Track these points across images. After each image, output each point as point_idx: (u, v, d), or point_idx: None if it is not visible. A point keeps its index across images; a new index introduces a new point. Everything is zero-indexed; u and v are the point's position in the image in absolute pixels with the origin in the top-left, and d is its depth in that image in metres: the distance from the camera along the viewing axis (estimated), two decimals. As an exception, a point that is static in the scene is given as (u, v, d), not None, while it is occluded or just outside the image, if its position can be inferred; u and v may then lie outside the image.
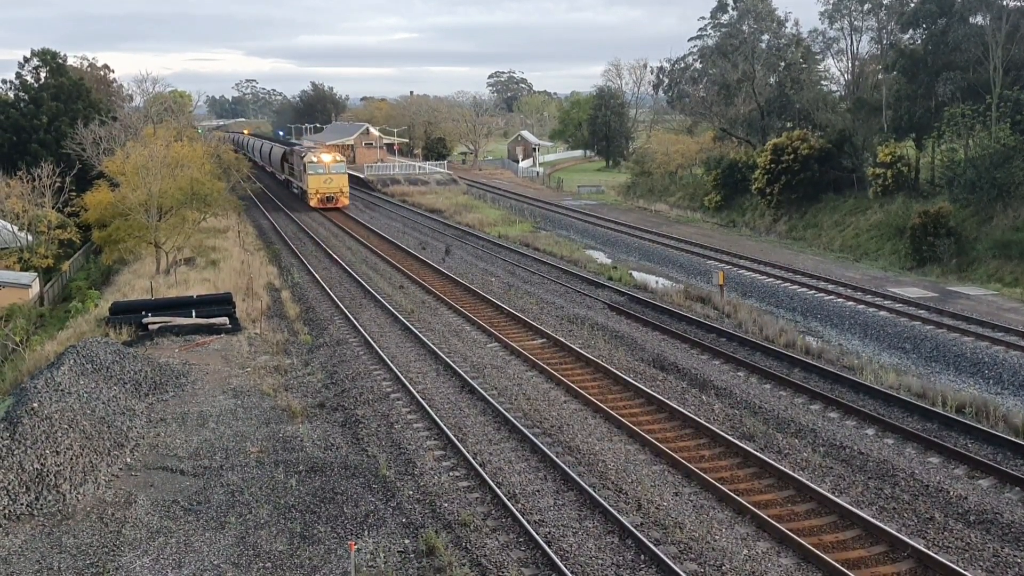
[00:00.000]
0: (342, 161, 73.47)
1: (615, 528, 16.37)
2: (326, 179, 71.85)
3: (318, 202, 71.45)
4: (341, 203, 72.12)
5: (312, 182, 71.96)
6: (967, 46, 51.73)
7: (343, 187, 72.51)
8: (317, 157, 73.40)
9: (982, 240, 44.91)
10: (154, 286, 38.81)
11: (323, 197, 71.44)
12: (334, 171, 72.14)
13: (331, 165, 72.27)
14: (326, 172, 72.04)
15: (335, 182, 72.02)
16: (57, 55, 75.75)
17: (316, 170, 72.21)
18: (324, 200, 71.42)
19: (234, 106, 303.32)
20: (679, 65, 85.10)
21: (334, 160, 72.87)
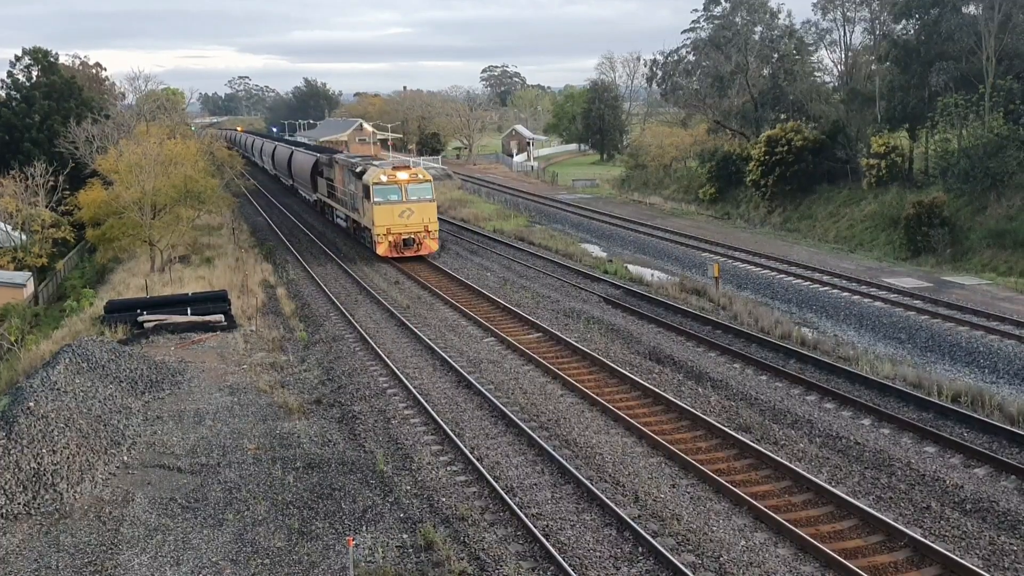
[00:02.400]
0: (428, 180, 45.13)
1: (613, 520, 16.40)
2: (404, 211, 43.94)
3: (390, 248, 44.19)
4: (427, 248, 44.47)
5: (382, 216, 44.02)
6: (960, 36, 51.75)
7: (429, 221, 44.55)
8: (388, 175, 44.46)
9: (976, 230, 45.00)
10: (149, 284, 38.75)
11: (398, 240, 44.05)
12: (416, 197, 44.05)
13: (411, 187, 44.11)
14: (402, 200, 43.92)
15: (418, 215, 44.09)
16: (49, 53, 75.44)
17: (387, 195, 43.93)
18: (400, 245, 44.14)
19: (227, 103, 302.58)
20: (672, 58, 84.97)
21: (415, 178, 44.70)
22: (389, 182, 43.79)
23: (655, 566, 14.82)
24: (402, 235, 43.96)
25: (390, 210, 43.75)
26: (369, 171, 45.51)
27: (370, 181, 43.95)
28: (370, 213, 44.63)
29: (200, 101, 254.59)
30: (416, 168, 46.61)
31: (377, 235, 44.08)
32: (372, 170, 45.44)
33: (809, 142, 60.60)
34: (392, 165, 46.85)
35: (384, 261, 44.92)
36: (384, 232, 43.93)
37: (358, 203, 47.77)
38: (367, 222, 46.10)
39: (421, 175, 44.94)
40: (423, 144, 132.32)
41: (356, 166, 48.60)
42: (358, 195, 47.19)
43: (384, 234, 43.93)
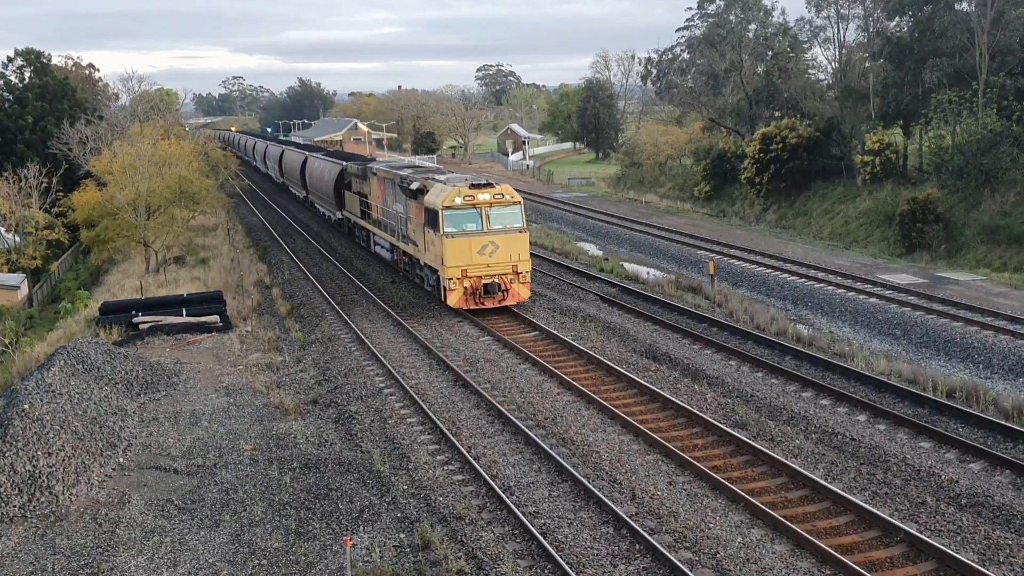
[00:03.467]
0: (517, 202, 32.64)
1: (610, 518, 16.41)
2: (485, 245, 31.75)
3: (465, 298, 31.82)
4: (515, 297, 32.45)
5: (456, 253, 31.62)
6: (953, 33, 51.86)
7: (519, 259, 32.24)
8: (464, 195, 31.89)
9: (970, 226, 45.11)
10: (144, 285, 38.69)
11: (477, 286, 31.81)
12: (501, 225, 32.07)
13: (495, 211, 32.05)
14: (483, 230, 31.75)
15: (505, 250, 31.97)
16: (41, 55, 75.34)
17: (462, 223, 31.77)
18: (479, 293, 31.83)
19: (221, 103, 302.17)
20: (667, 56, 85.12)
21: (500, 199, 32.24)
22: (465, 205, 31.17)
23: (652, 563, 14.83)
24: (483, 279, 31.12)
25: (467, 245, 30.85)
26: (435, 189, 32.44)
27: (439, 204, 31.09)
28: (437, 248, 31.53)
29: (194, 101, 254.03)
30: (500, 185, 32.38)
31: (448, 279, 31.03)
32: (439, 188, 32.33)
33: (803, 139, 60.71)
34: (466, 180, 33.00)
35: (376, 257, 44.19)
36: (458, 276, 31.03)
37: (413, 230, 35.12)
38: (430, 259, 33.02)
39: (508, 194, 31.84)
40: (418, 143, 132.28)
41: (409, 180, 35.20)
42: (414, 220, 34.70)
43: (458, 278, 31.04)
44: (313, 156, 62.44)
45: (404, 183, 35.95)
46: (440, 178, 34.36)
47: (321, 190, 56.06)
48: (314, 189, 59.79)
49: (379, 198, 41.07)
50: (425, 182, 34.17)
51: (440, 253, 31.66)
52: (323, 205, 58.07)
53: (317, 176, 57.25)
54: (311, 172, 60.07)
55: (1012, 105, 48.16)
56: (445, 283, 31.73)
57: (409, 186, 35.02)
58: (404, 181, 36.09)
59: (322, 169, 55.80)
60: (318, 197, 58.91)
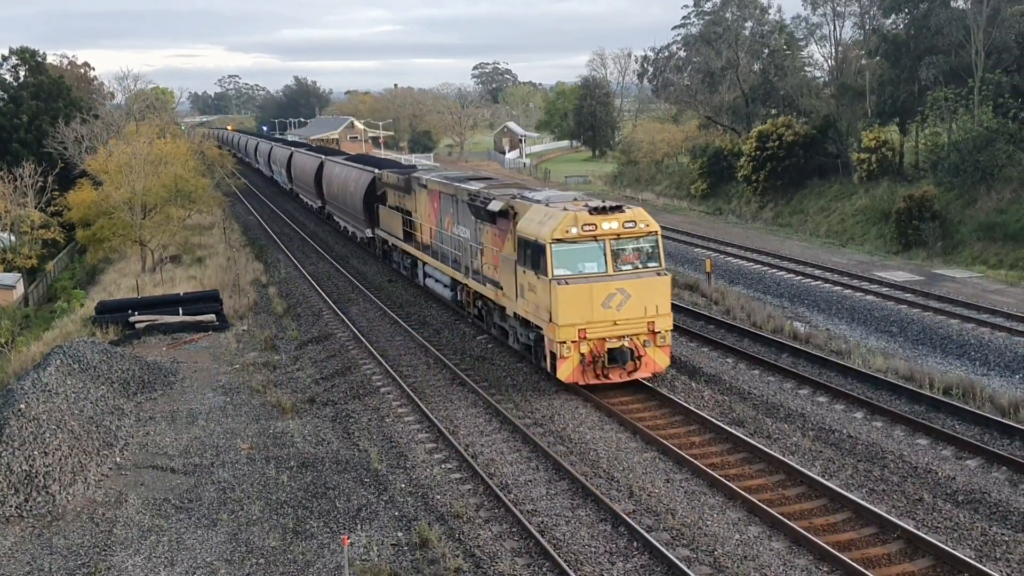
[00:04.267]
0: (652, 231, 23.10)
1: (607, 516, 16.41)
2: (612, 294, 22.28)
3: (581, 369, 22.53)
4: (649, 366, 23.02)
5: (570, 306, 22.11)
6: (949, 30, 51.94)
7: (657, 312, 22.72)
8: (582, 222, 22.39)
9: (966, 223, 45.20)
10: (140, 284, 38.63)
11: (600, 352, 22.48)
12: (633, 264, 22.87)
13: (624, 244, 22.76)
14: (608, 271, 22.47)
15: (638, 299, 22.49)
16: (36, 53, 75.18)
17: (579, 262, 22.43)
18: (602, 362, 22.49)
19: (217, 102, 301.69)
20: (663, 54, 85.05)
21: (631, 228, 22.75)
22: (583, 237, 22.19)
23: (650, 560, 14.83)
24: (607, 341, 22.31)
25: (586, 295, 21.93)
26: (533, 213, 23.49)
27: (545, 235, 22.18)
28: (541, 297, 22.74)
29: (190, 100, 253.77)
30: (631, 209, 23.13)
31: (560, 342, 22.06)
32: (539, 211, 23.37)
33: (800, 137, 60.76)
34: (575, 199, 24.55)
35: (374, 256, 44.12)
36: (574, 338, 22.06)
37: (492, 266, 26.46)
38: (526, 310, 23.87)
39: (641, 221, 22.69)
40: (415, 142, 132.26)
41: (485, 198, 26.58)
42: (493, 252, 26.31)
43: (573, 342, 22.07)
44: (332, 161, 53.27)
45: (476, 201, 27.15)
46: (535, 196, 25.17)
47: (345, 203, 46.83)
48: (334, 200, 50.65)
49: (431, 217, 32.61)
50: (513, 202, 25.00)
51: (546, 305, 22.30)
52: (347, 220, 48.58)
53: (339, 186, 47.87)
54: (330, 180, 51.13)
55: (1008, 102, 48.24)
56: (554, 348, 22.25)
57: (486, 206, 25.94)
58: (476, 198, 27.25)
59: (345, 177, 46.69)
60: (341, 211, 49.61)
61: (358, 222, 45.17)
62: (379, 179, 40.49)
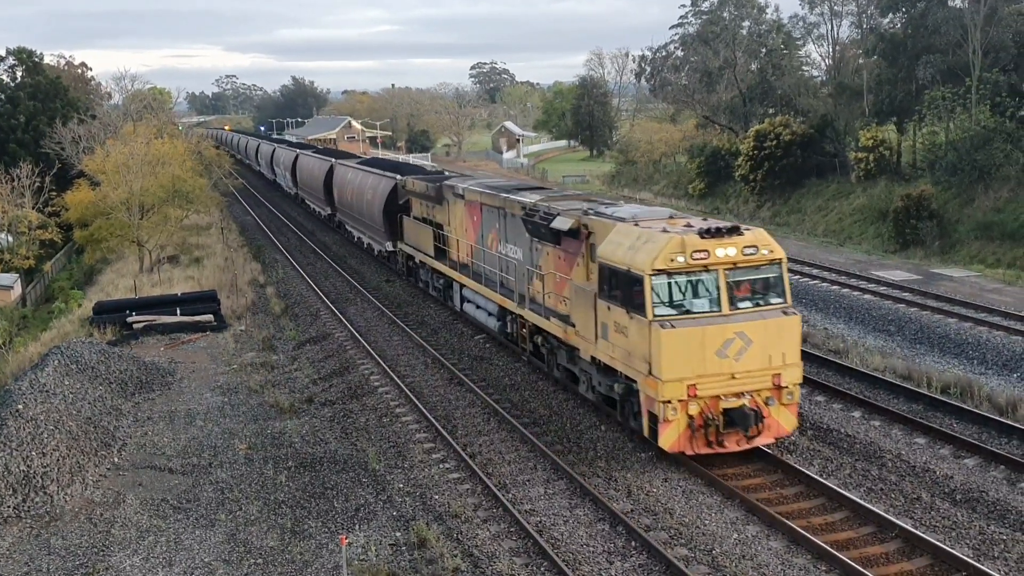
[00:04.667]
0: (778, 258, 18.22)
1: (606, 515, 16.41)
2: (730, 339, 17.47)
3: (688, 436, 17.67)
4: (775, 430, 18.25)
5: (676, 354, 17.29)
6: (946, 29, 51.97)
7: (784, 361, 17.91)
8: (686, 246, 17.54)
9: (964, 222, 45.22)
10: (138, 285, 38.62)
11: (713, 412, 17.61)
12: (755, 301, 18.09)
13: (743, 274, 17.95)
14: (723, 310, 17.66)
15: (761, 347, 17.67)
16: (33, 54, 75.11)
17: (686, 300, 17.73)
18: (717, 426, 17.64)
19: (214, 102, 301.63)
20: (661, 53, 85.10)
21: (749, 254, 17.89)
22: (693, 267, 17.77)
23: (648, 560, 14.84)
24: (722, 400, 17.81)
25: (697, 340, 17.52)
26: (619, 234, 19.14)
27: (642, 263, 17.77)
28: (635, 342, 18.24)
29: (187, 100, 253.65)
30: (751, 231, 18.56)
31: (663, 402, 17.59)
32: (627, 231, 19.00)
33: (797, 136, 60.77)
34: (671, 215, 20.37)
35: (371, 256, 44.34)
36: (681, 395, 17.57)
37: (558, 296, 22.26)
38: (613, 357, 19.24)
39: (764, 246, 18.21)
40: (412, 141, 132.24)
41: (546, 212, 22.12)
42: (558, 279, 22.18)
43: (681, 400, 17.59)
44: (344, 165, 48.81)
45: (535, 217, 22.57)
46: (616, 212, 20.70)
47: (361, 212, 42.53)
48: (346, 208, 46.74)
49: (470, 233, 28.98)
50: (587, 219, 20.60)
51: (643, 352, 17.72)
52: (363, 232, 44.13)
53: (354, 193, 43.85)
54: (342, 186, 46.98)
55: (1005, 101, 48.28)
56: (654, 408, 17.60)
57: (548, 223, 21.50)
58: (533, 214, 22.75)
59: (361, 184, 42.59)
60: (355, 220, 45.27)
61: (376, 234, 40.72)
62: (402, 186, 36.13)
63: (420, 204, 34.20)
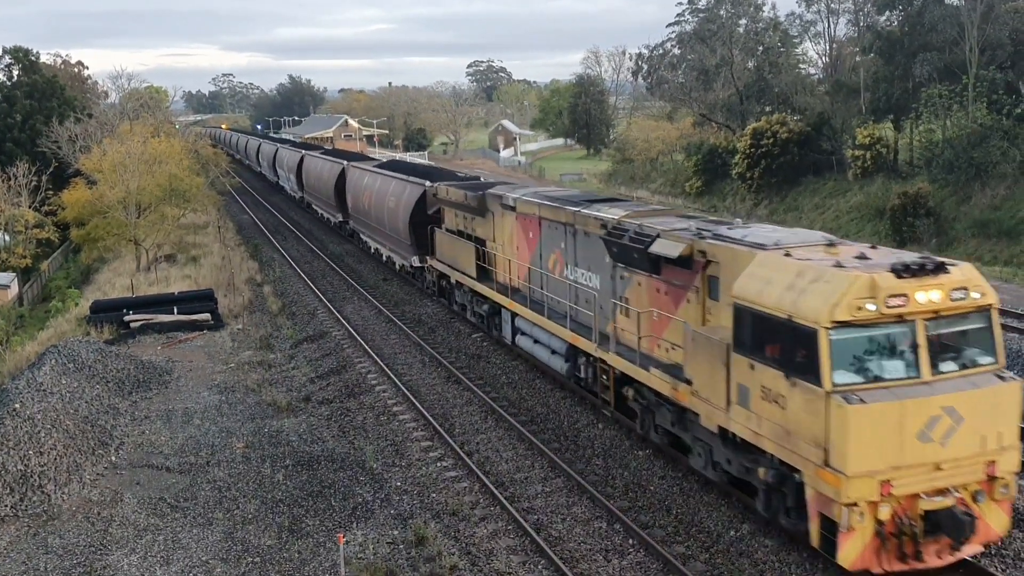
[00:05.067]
0: (987, 304, 13.50)
1: (603, 513, 16.43)
2: (936, 417, 12.58)
3: (877, 547, 12.71)
4: (985, 535, 13.28)
5: (864, 438, 12.33)
6: (943, 27, 52.05)
7: (1002, 442, 13.05)
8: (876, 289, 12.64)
9: (961, 220, 45.29)
10: (135, 284, 38.57)
11: (912, 516, 12.78)
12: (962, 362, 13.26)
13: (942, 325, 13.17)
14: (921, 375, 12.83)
15: (973, 425, 12.81)
16: (30, 53, 74.95)
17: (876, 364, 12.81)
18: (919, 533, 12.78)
19: (211, 101, 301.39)
20: (657, 52, 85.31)
21: (958, 299, 13.19)
22: (886, 317, 12.94)
23: (646, 558, 14.85)
24: (922, 499, 12.91)
25: (894, 419, 12.59)
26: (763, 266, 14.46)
27: (818, 313, 12.88)
28: (799, 417, 13.28)
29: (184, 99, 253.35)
30: (957, 267, 13.76)
31: (848, 505, 12.63)
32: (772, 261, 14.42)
33: (794, 134, 60.84)
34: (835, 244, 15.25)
35: (368, 256, 43.96)
36: (872, 495, 12.62)
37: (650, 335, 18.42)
38: (760, 433, 14.28)
39: (973, 284, 13.50)
40: (409, 140, 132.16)
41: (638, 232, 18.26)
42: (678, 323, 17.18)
43: (871, 502, 12.67)
44: (359, 168, 44.22)
45: (623, 238, 18.43)
46: (750, 235, 15.90)
47: (381, 222, 38.00)
48: (362, 216, 42.07)
49: (523, 252, 24.57)
50: (706, 244, 16.06)
51: (813, 433, 13.16)
52: (383, 243, 39.27)
53: (372, 200, 39.24)
54: (357, 191, 42.68)
55: (1002, 99, 48.36)
56: (832, 511, 13.03)
57: (646, 247, 17.37)
58: (621, 233, 18.63)
59: (382, 191, 37.81)
60: (374, 230, 40.57)
61: (400, 247, 36.03)
62: (432, 194, 31.75)
63: (456, 215, 29.70)
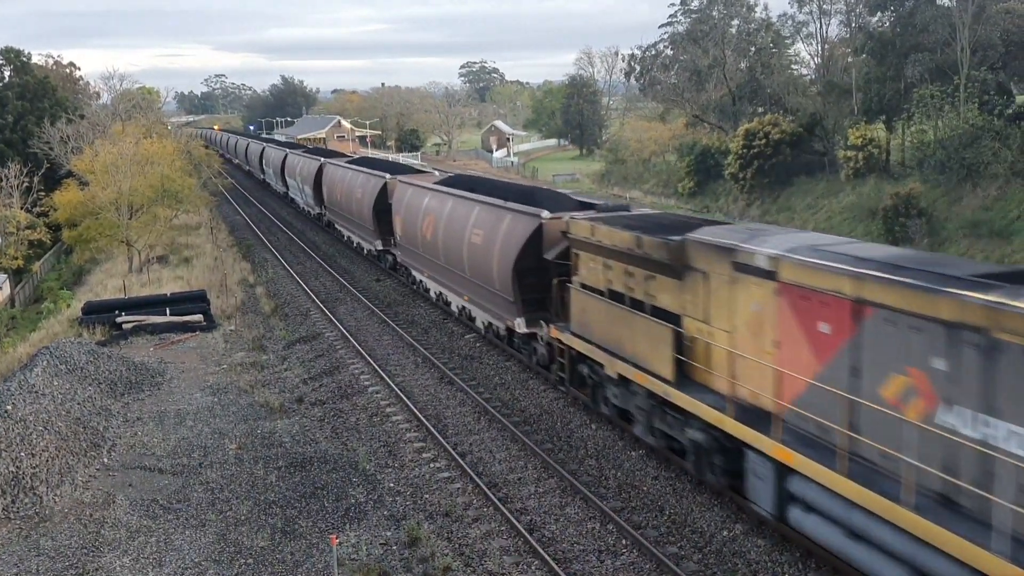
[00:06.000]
0: None
1: (596, 513, 16.44)
2: None
3: None
4: None
5: None
6: (935, 27, 52.24)
7: None
8: None
9: (953, 220, 45.46)
10: (127, 285, 38.46)
11: None
12: None
13: None
14: None
15: None
16: (21, 53, 74.67)
17: None
18: None
19: (204, 101, 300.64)
20: (650, 52, 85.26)
21: None
22: None
23: (639, 558, 14.87)
24: None
25: None
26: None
27: None
28: None
29: (176, 100, 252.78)
30: None
31: None
32: None
33: (787, 135, 60.99)
34: None
35: (363, 256, 44.13)
36: None
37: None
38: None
39: None
40: (402, 140, 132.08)
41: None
42: None
43: None
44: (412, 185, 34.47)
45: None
46: None
47: (453, 260, 28.66)
48: (412, 246, 33.10)
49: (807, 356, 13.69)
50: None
51: None
52: (461, 290, 29.09)
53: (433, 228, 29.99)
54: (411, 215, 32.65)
55: (993, 100, 48.56)
56: None
57: None
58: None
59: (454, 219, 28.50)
60: (440, 271, 30.68)
61: (494, 303, 25.98)
62: (562, 231, 21.99)
63: (609, 266, 19.55)
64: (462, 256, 27.64)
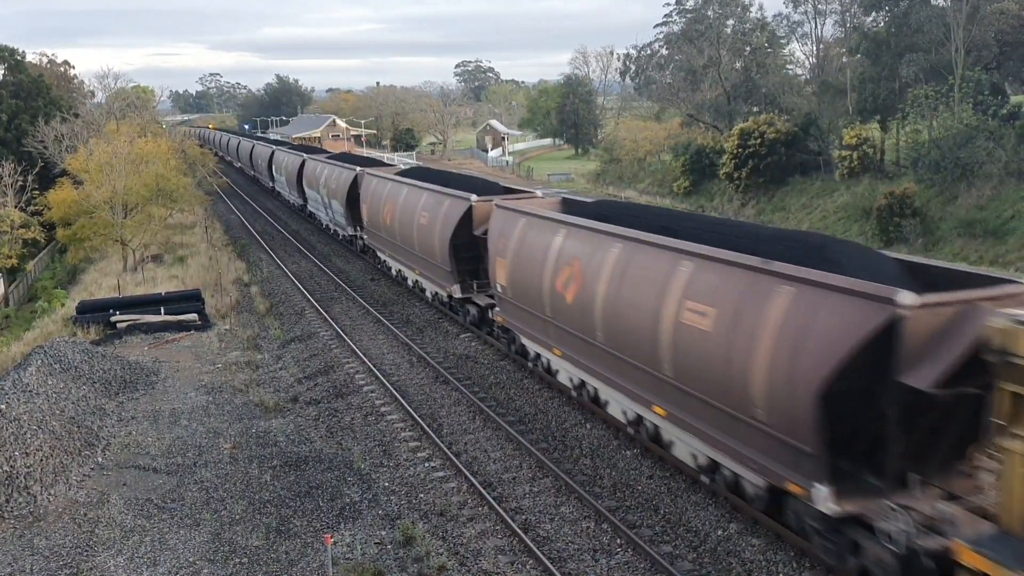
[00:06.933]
0: None
1: (591, 513, 16.45)
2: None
3: None
4: None
5: None
6: (929, 28, 52.36)
7: None
8: None
9: (947, 219, 45.55)
10: (121, 284, 38.37)
11: None
12: None
13: None
14: None
15: None
16: (15, 52, 74.42)
17: None
18: None
19: (198, 101, 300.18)
20: (645, 52, 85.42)
21: None
22: None
23: (633, 557, 14.89)
24: None
25: None
26: None
27: None
28: None
29: (171, 99, 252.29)
30: None
31: None
32: None
33: (782, 134, 61.05)
34: None
35: (358, 257, 43.85)
36: None
37: None
38: None
39: None
40: (397, 140, 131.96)
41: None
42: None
43: None
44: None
45: None
46: None
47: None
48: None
49: None
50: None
51: None
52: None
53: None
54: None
55: (988, 99, 48.67)
56: None
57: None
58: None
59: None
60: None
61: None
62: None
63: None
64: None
